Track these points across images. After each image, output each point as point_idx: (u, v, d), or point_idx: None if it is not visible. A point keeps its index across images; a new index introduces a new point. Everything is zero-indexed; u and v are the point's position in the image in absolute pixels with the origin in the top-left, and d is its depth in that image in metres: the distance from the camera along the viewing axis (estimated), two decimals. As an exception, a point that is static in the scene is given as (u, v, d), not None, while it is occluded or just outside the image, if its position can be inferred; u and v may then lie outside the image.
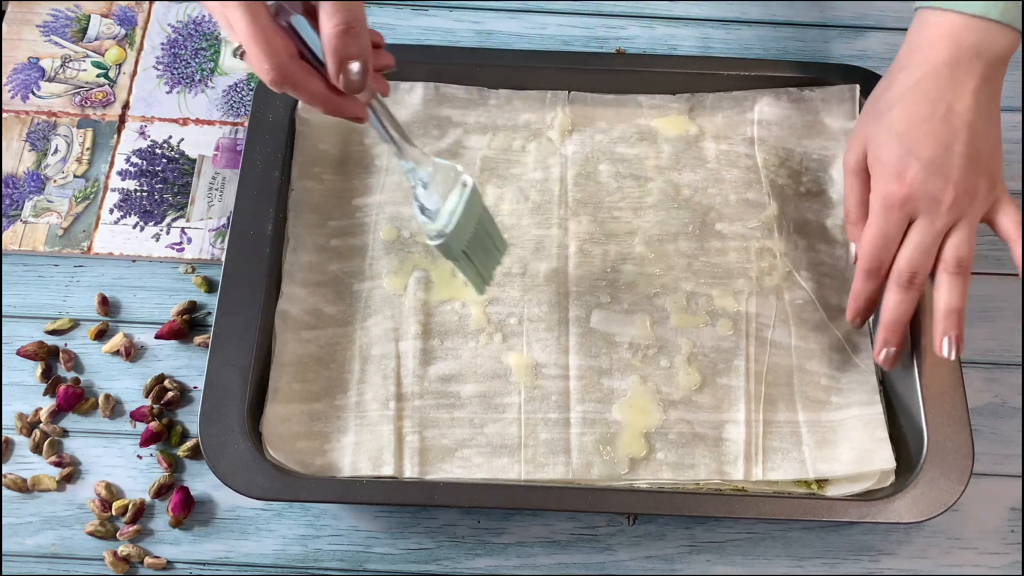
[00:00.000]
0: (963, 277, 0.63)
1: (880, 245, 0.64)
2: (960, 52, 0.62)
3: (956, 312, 0.62)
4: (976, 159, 0.62)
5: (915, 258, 0.63)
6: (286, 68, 0.51)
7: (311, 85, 0.53)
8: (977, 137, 0.62)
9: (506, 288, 0.69)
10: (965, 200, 0.62)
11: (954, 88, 0.62)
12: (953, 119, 0.62)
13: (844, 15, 0.85)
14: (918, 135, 0.62)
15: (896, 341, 0.64)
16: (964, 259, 0.63)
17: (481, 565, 0.65)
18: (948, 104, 0.62)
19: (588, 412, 0.65)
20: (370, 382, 0.66)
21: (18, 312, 0.71)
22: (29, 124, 0.78)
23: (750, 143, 0.74)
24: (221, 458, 0.61)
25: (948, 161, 0.62)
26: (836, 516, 0.61)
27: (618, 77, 0.75)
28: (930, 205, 0.62)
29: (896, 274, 0.64)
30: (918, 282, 0.63)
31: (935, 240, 0.63)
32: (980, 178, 0.62)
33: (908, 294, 0.64)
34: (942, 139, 0.62)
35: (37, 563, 0.64)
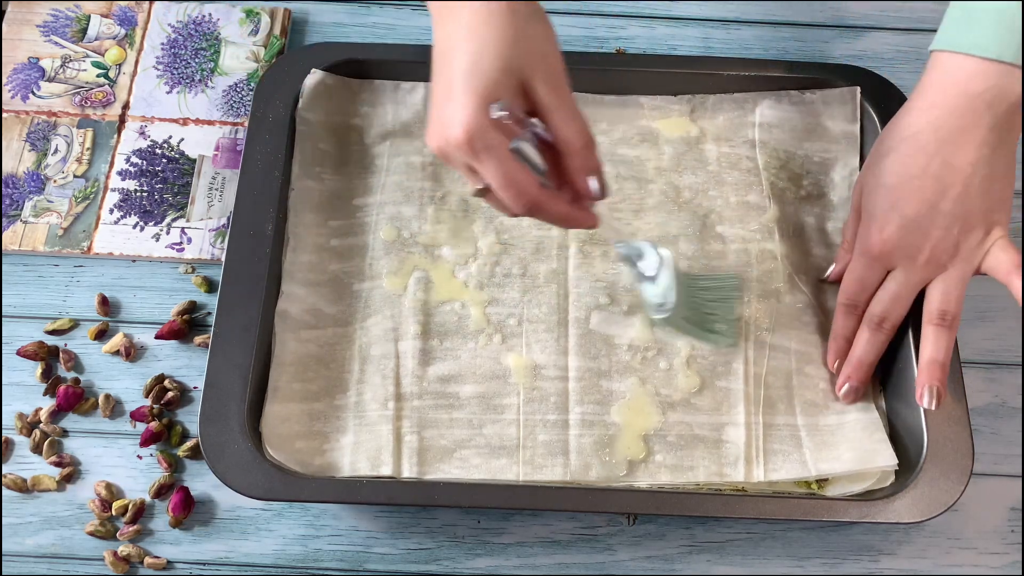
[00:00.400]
0: (948, 329, 0.63)
1: (856, 288, 0.66)
2: (969, 100, 0.60)
3: (939, 364, 0.62)
4: (965, 215, 0.61)
5: (887, 304, 0.64)
6: (537, 201, 0.56)
7: (557, 207, 0.57)
8: (971, 192, 0.61)
9: (505, 289, 0.69)
10: (944, 257, 0.62)
11: (955, 140, 0.60)
12: (947, 175, 0.61)
13: (844, 15, 0.85)
14: (905, 191, 0.62)
15: (859, 378, 0.65)
16: (949, 312, 0.63)
17: (481, 565, 0.65)
18: (944, 158, 0.61)
19: (587, 414, 0.65)
20: (369, 382, 0.66)
21: (18, 312, 0.71)
22: (29, 124, 0.78)
23: (751, 145, 0.74)
24: (221, 458, 0.61)
25: (930, 219, 0.62)
26: (836, 516, 0.61)
27: (618, 77, 0.75)
28: (906, 261, 0.63)
29: (868, 316, 0.65)
30: (887, 327, 0.65)
31: (911, 291, 0.64)
32: (967, 234, 0.62)
33: (877, 336, 0.65)
34: (928, 197, 0.61)
35: (37, 563, 0.64)
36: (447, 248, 0.70)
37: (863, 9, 0.85)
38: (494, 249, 0.70)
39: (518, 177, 0.54)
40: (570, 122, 0.56)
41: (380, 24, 0.83)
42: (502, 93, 0.54)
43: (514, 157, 0.54)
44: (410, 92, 0.75)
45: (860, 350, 0.65)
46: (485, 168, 0.54)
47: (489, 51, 0.54)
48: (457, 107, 0.53)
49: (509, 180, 0.54)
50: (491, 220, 0.71)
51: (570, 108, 0.56)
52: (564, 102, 0.56)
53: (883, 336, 0.65)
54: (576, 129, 0.56)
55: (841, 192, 0.73)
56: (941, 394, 0.62)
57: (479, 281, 0.69)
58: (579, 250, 0.70)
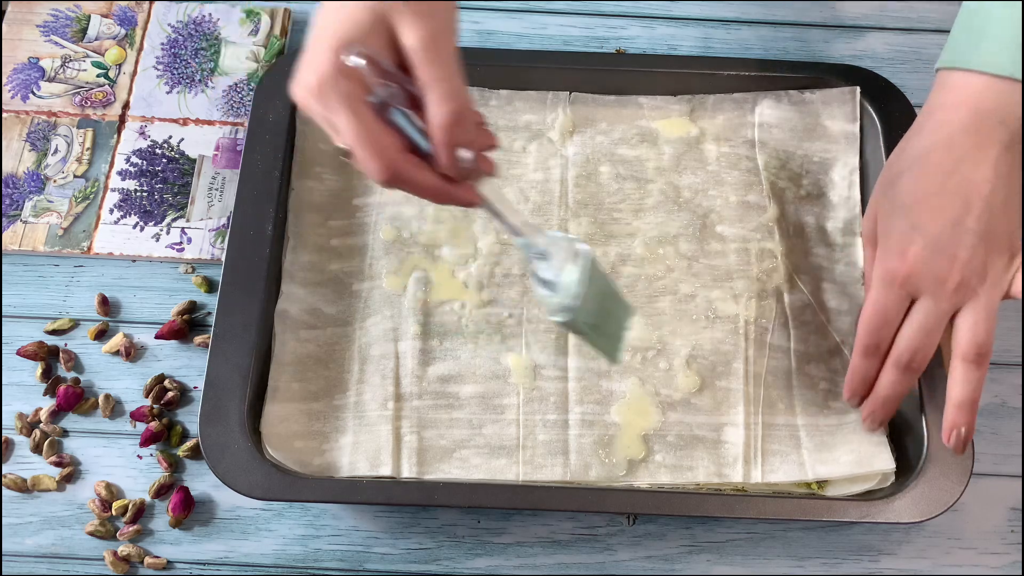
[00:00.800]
0: (981, 366, 0.58)
1: (878, 323, 0.60)
2: (980, 118, 0.57)
3: (970, 404, 0.58)
4: (990, 236, 0.57)
5: (916, 339, 0.59)
6: (396, 166, 0.50)
7: (422, 178, 0.51)
8: (993, 211, 0.57)
9: (505, 289, 0.69)
10: (974, 281, 0.58)
11: (972, 157, 0.57)
12: (966, 192, 0.57)
13: (844, 15, 0.84)
14: (925, 208, 0.58)
15: (883, 413, 0.62)
16: (983, 344, 0.58)
17: (481, 565, 0.65)
18: (962, 176, 0.57)
19: (586, 414, 0.65)
20: (369, 382, 0.66)
21: (18, 312, 0.71)
22: (29, 124, 0.78)
23: (751, 145, 0.74)
24: (221, 458, 0.61)
25: (956, 239, 0.57)
26: (836, 516, 0.61)
27: (619, 77, 0.75)
28: (934, 286, 0.58)
29: (895, 355, 0.60)
30: (916, 365, 0.60)
31: (939, 321, 0.59)
32: (994, 256, 0.58)
33: (905, 376, 0.60)
34: (950, 214, 0.57)
35: (37, 563, 0.64)
36: (447, 248, 0.70)
37: (863, 9, 0.85)
38: (494, 249, 0.70)
39: (376, 136, 0.49)
40: (436, 87, 0.49)
41: (380, 24, 0.83)
42: (364, 40, 0.49)
43: (376, 115, 0.49)
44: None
45: (886, 391, 0.61)
46: (337, 120, 0.49)
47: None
48: (314, 52, 0.49)
49: (364, 138, 0.48)
50: (491, 220, 0.71)
51: (440, 70, 0.50)
52: (434, 62, 0.49)
53: (912, 375, 0.60)
54: (442, 98, 0.49)
55: (841, 191, 0.73)
56: (970, 438, 0.59)
57: (479, 281, 0.69)
58: (579, 250, 0.70)
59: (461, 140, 0.51)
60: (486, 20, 0.83)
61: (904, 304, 0.60)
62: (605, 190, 0.72)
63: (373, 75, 0.49)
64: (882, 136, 0.72)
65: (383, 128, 0.50)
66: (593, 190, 0.72)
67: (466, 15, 0.83)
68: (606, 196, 0.72)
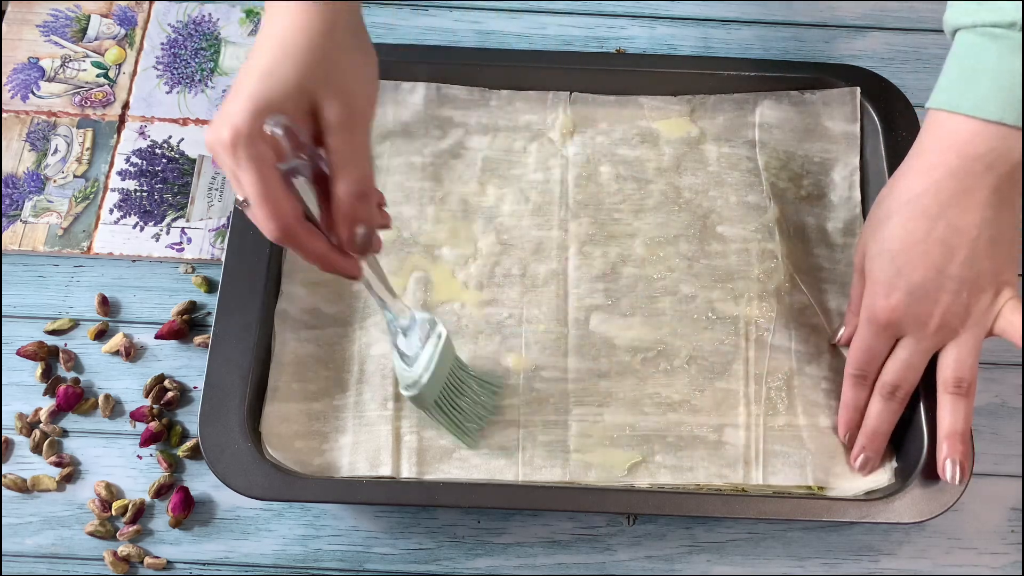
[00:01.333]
0: (964, 397, 0.61)
1: (865, 358, 0.63)
2: (969, 163, 0.58)
3: (959, 435, 0.60)
4: (974, 279, 0.59)
5: (900, 373, 0.62)
6: (291, 229, 0.52)
7: (313, 245, 0.53)
8: (978, 254, 0.59)
9: (505, 289, 0.69)
10: (955, 321, 0.60)
11: (959, 203, 0.58)
12: (952, 238, 0.59)
13: (844, 15, 0.84)
14: (910, 256, 0.60)
15: (874, 448, 0.64)
16: (964, 379, 0.61)
17: (481, 565, 0.65)
18: (948, 221, 0.58)
19: (586, 414, 0.65)
20: (369, 382, 0.66)
21: (18, 312, 0.71)
22: (29, 124, 0.78)
23: (751, 146, 0.74)
24: (221, 458, 0.61)
25: (939, 285, 0.59)
26: (836, 516, 0.61)
27: (619, 77, 0.75)
28: (916, 328, 0.61)
29: (880, 385, 0.63)
30: (900, 395, 0.63)
31: (923, 358, 0.62)
32: (977, 296, 0.60)
33: (890, 405, 0.63)
34: (935, 262, 0.59)
35: (37, 563, 0.64)
36: (447, 248, 0.70)
37: (863, 9, 0.85)
38: (494, 249, 0.70)
39: (276, 198, 0.51)
40: (347, 165, 0.52)
41: (380, 24, 0.83)
42: (286, 109, 0.51)
43: (281, 179, 0.51)
44: (410, 92, 0.75)
45: (874, 421, 0.63)
46: (244, 178, 0.51)
47: (288, 63, 0.51)
48: (235, 107, 0.50)
49: (265, 199, 0.50)
50: (491, 220, 0.71)
51: (354, 151, 0.53)
52: (349, 142, 0.53)
53: (896, 405, 0.63)
54: (351, 175, 0.53)
55: (841, 192, 0.73)
56: (965, 467, 0.60)
57: (479, 281, 0.69)
58: (579, 251, 0.70)
59: (361, 217, 0.54)
60: (486, 20, 0.83)
61: (889, 342, 0.63)
62: (605, 190, 0.72)
63: (288, 144, 0.51)
64: (882, 136, 0.72)
65: (285, 193, 0.51)
66: (593, 190, 0.72)
67: (466, 15, 0.84)
68: (606, 196, 0.72)
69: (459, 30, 0.83)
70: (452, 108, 0.75)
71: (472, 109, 0.75)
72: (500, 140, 0.74)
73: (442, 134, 0.74)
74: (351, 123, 0.53)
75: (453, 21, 0.83)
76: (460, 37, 0.82)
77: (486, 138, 0.74)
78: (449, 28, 0.83)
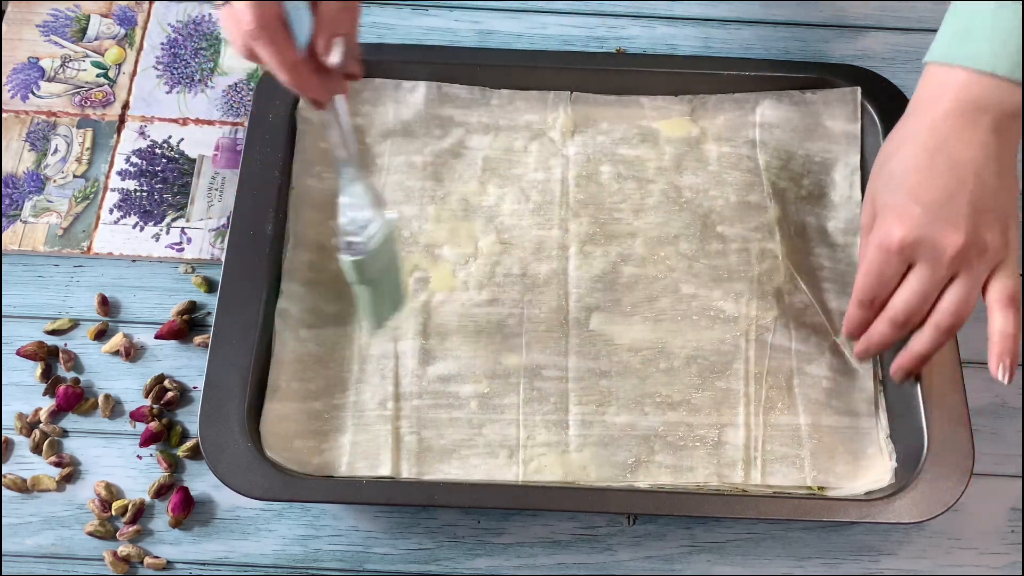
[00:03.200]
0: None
1: (874, 284, 0.61)
2: (963, 107, 0.58)
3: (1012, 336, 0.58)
4: (984, 211, 0.58)
5: (912, 302, 0.60)
6: (269, 24, 0.52)
7: (288, 50, 0.53)
8: (985, 188, 0.58)
9: (506, 289, 0.69)
10: (972, 252, 0.58)
11: (958, 138, 0.58)
12: (957, 168, 0.58)
13: (844, 15, 0.84)
14: (918, 179, 0.59)
15: (875, 352, 0.64)
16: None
17: (481, 565, 0.65)
18: (949, 154, 0.58)
19: (587, 414, 0.65)
20: (368, 381, 0.66)
21: (18, 312, 0.71)
22: (29, 124, 0.78)
23: (752, 145, 0.74)
24: (221, 458, 0.61)
25: (952, 209, 0.58)
26: (836, 516, 0.61)
27: (619, 77, 0.75)
28: (932, 252, 0.58)
29: (891, 313, 0.61)
30: (910, 324, 0.61)
31: (935, 288, 0.59)
32: (990, 232, 0.58)
33: (898, 332, 0.61)
34: (944, 184, 0.58)
35: (37, 563, 0.64)
36: (447, 248, 0.70)
37: (863, 9, 0.85)
38: (494, 249, 0.70)
39: None
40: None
41: (380, 24, 0.83)
42: None
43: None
44: (411, 91, 0.75)
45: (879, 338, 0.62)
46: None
47: None
48: None
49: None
50: (491, 220, 0.71)
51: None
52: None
53: (905, 332, 0.61)
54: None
55: (842, 192, 0.73)
56: (1014, 367, 0.58)
57: (479, 280, 0.69)
58: (579, 250, 0.70)
59: (342, 29, 0.54)
60: (486, 20, 0.83)
61: (900, 269, 0.60)
62: (606, 190, 0.72)
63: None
64: (882, 136, 0.72)
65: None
66: (594, 190, 0.72)
67: (466, 15, 0.84)
68: (607, 196, 0.72)
69: (459, 30, 0.83)
70: (453, 107, 0.75)
71: (473, 108, 0.75)
72: (501, 139, 0.74)
73: (443, 133, 0.74)
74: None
75: (453, 21, 0.83)
76: (460, 37, 0.82)
77: (487, 137, 0.74)
78: (449, 28, 0.83)
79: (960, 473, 0.62)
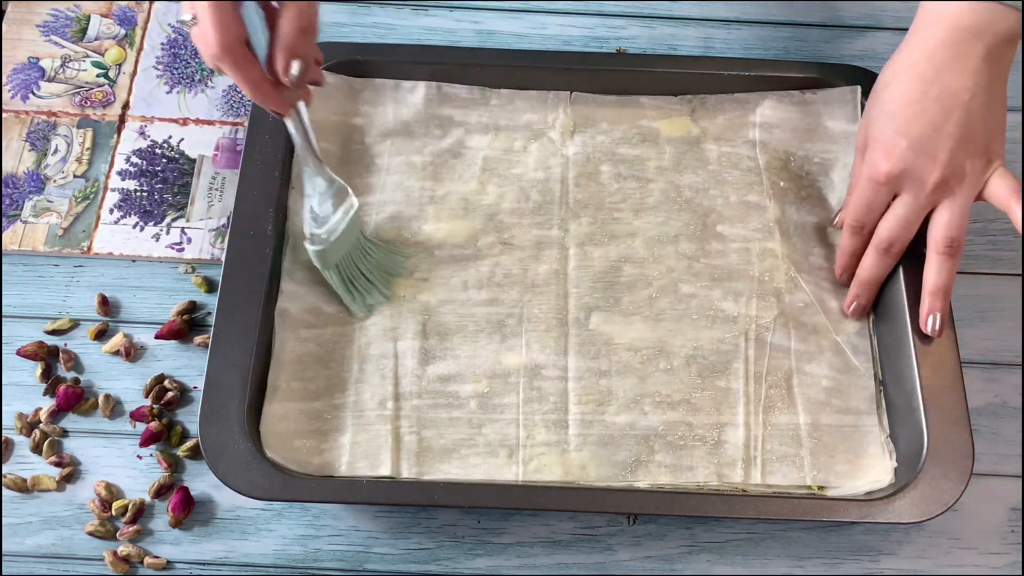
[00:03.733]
0: (953, 257, 0.64)
1: (864, 211, 0.67)
2: (958, 33, 0.62)
3: (943, 291, 0.64)
4: (968, 140, 0.63)
5: (895, 229, 0.65)
6: (232, 48, 0.55)
7: (249, 70, 0.56)
8: (972, 117, 0.63)
9: (506, 288, 0.69)
10: (952, 181, 0.63)
11: (951, 68, 0.62)
12: (947, 99, 0.62)
13: (844, 15, 0.85)
14: (908, 114, 0.63)
15: (866, 297, 0.68)
16: (955, 239, 0.64)
17: (481, 565, 0.65)
18: (943, 84, 0.63)
19: (586, 414, 0.65)
20: (368, 381, 0.66)
21: (18, 312, 0.71)
22: (29, 124, 0.78)
23: (752, 145, 0.74)
24: (221, 458, 0.61)
25: (936, 142, 0.63)
26: (836, 516, 0.61)
27: (619, 77, 0.75)
28: (914, 184, 0.64)
29: (876, 240, 0.66)
30: (895, 251, 0.66)
31: (918, 215, 0.65)
32: (971, 159, 0.63)
33: (884, 260, 0.67)
34: (932, 119, 0.63)
35: (37, 563, 0.64)
36: (447, 247, 0.70)
37: (863, 9, 0.85)
38: (494, 249, 0.70)
39: (224, 15, 0.54)
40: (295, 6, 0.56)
41: (380, 24, 0.83)
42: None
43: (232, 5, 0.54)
44: (411, 91, 0.75)
45: (868, 272, 0.67)
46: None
47: None
48: None
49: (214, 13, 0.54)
50: (491, 219, 0.71)
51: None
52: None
53: (890, 260, 0.67)
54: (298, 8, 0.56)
55: (841, 192, 0.73)
56: (945, 321, 0.64)
57: (479, 280, 0.69)
58: (579, 250, 0.70)
59: (300, 52, 0.57)
60: (486, 20, 0.83)
61: (887, 199, 0.66)
62: (606, 190, 0.72)
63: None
64: (882, 136, 0.72)
65: (233, 14, 0.54)
66: (594, 190, 0.72)
67: (466, 15, 0.84)
68: (607, 196, 0.72)
69: (459, 30, 0.83)
70: (452, 107, 0.75)
71: (472, 108, 0.75)
72: (500, 139, 0.74)
73: (442, 133, 0.74)
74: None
75: (453, 21, 0.83)
76: (460, 37, 0.83)
77: (486, 137, 0.74)
78: (449, 28, 0.83)
79: (960, 473, 0.62)
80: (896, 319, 0.67)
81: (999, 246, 0.75)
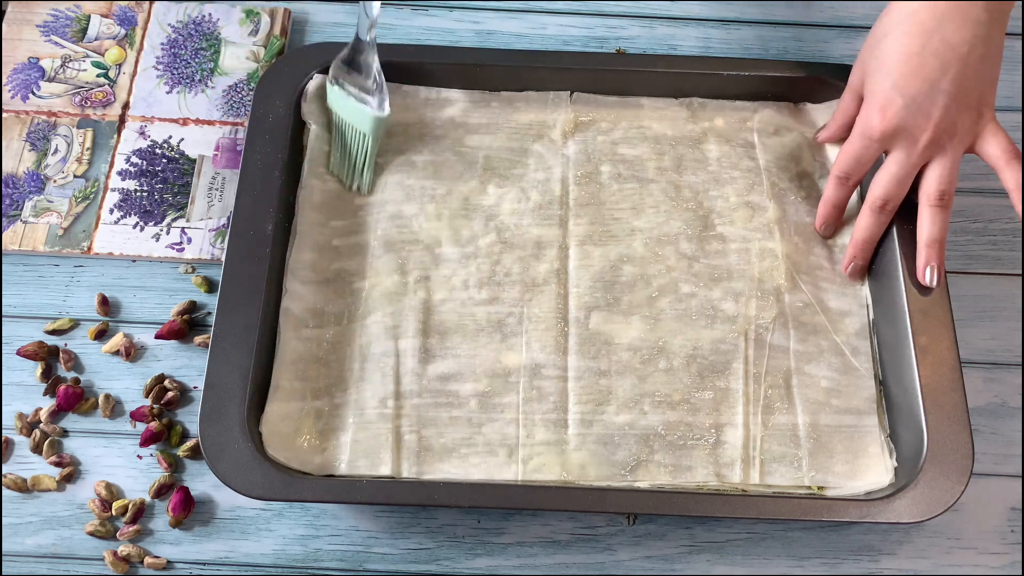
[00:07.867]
0: (945, 209, 0.65)
1: (852, 165, 0.68)
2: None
3: (938, 242, 0.66)
4: (962, 95, 0.63)
5: (889, 186, 0.66)
6: None
7: None
8: (968, 71, 0.63)
9: (506, 288, 0.69)
10: (944, 138, 0.64)
11: (953, 17, 0.62)
12: (945, 53, 0.63)
13: (844, 15, 0.85)
14: (906, 69, 0.64)
15: (863, 257, 0.69)
16: (946, 192, 0.65)
17: (481, 565, 0.65)
18: (943, 35, 0.62)
19: (586, 413, 0.65)
20: (369, 380, 0.66)
21: (18, 312, 0.71)
22: (29, 124, 0.78)
23: (752, 146, 0.74)
24: (221, 458, 0.61)
25: (931, 99, 0.63)
26: (836, 516, 0.61)
27: (619, 77, 0.75)
28: (907, 141, 0.65)
29: (870, 199, 0.67)
30: (889, 208, 0.67)
31: (910, 173, 0.66)
32: (964, 113, 0.64)
33: (879, 218, 0.68)
34: (929, 75, 0.63)
35: (37, 563, 0.64)
36: (447, 247, 0.70)
37: (863, 9, 0.85)
38: (494, 249, 0.70)
39: None
40: None
41: (380, 24, 0.83)
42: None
43: None
44: (412, 92, 0.75)
45: (864, 232, 0.68)
46: None
47: None
48: None
49: None
50: (491, 219, 0.71)
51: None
52: None
53: (884, 217, 0.67)
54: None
55: (841, 193, 0.73)
56: (942, 272, 0.66)
57: (479, 280, 0.69)
58: (579, 250, 0.70)
59: None
60: (486, 20, 0.83)
61: (878, 153, 0.67)
62: (606, 190, 0.72)
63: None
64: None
65: None
66: (594, 190, 0.72)
67: (466, 15, 0.84)
68: (607, 196, 0.72)
69: (459, 30, 0.83)
70: (453, 107, 0.75)
71: (473, 108, 0.75)
72: (501, 139, 0.74)
73: (443, 133, 0.74)
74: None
75: (453, 21, 0.83)
76: (460, 37, 0.83)
77: (487, 137, 0.74)
78: (449, 28, 0.83)
79: (960, 473, 0.62)
80: (896, 318, 0.67)
81: (999, 246, 0.75)
